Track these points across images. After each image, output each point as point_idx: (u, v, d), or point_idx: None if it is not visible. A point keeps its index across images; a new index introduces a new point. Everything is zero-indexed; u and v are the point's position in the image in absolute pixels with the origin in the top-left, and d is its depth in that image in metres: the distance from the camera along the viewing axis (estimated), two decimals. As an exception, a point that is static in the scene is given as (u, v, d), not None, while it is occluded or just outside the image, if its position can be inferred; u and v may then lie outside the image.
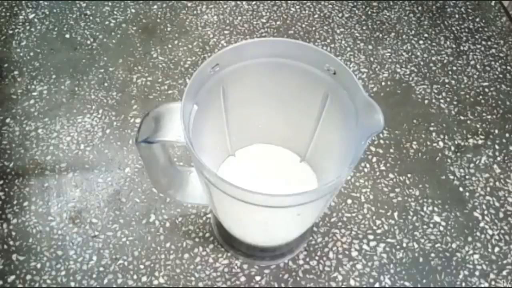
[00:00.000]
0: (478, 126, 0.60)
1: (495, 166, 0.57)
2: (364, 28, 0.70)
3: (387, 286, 0.48)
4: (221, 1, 0.72)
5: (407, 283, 0.48)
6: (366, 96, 0.37)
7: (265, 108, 0.46)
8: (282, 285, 0.47)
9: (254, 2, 0.72)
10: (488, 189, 0.55)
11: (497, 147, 0.58)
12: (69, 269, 0.48)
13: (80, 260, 0.48)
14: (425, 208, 0.53)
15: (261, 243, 0.49)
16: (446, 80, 0.64)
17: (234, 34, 0.68)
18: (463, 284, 0.48)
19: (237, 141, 0.50)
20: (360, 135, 0.36)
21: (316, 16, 0.71)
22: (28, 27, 0.68)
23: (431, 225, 0.52)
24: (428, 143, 0.58)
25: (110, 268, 0.48)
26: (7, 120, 0.58)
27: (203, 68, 0.38)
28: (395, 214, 0.52)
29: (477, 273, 0.49)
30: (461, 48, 0.68)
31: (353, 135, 0.38)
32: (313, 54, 0.40)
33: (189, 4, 0.72)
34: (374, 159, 0.57)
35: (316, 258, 0.49)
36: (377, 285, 0.48)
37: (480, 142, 0.59)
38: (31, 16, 0.70)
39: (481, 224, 0.52)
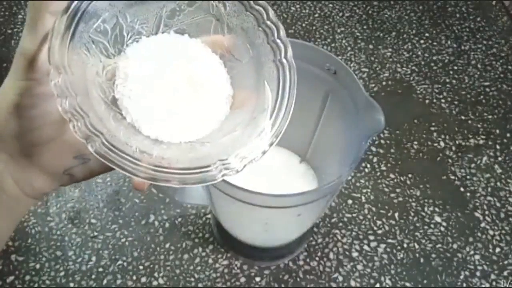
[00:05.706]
0: (479, 126, 0.60)
1: (496, 166, 0.56)
2: (364, 27, 0.70)
3: (387, 286, 0.47)
4: (221, 1, 0.72)
5: (407, 284, 0.48)
6: (366, 96, 0.36)
7: (265, 108, 0.45)
8: (282, 285, 0.47)
9: (254, 2, 0.72)
10: (489, 189, 0.54)
11: (498, 147, 0.58)
12: (68, 269, 0.47)
13: (79, 260, 0.48)
14: (426, 209, 0.53)
15: (261, 244, 0.48)
16: (447, 80, 0.64)
17: (234, 33, 0.68)
18: (464, 285, 0.48)
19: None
20: (361, 135, 0.36)
21: (316, 15, 0.71)
22: (27, 27, 0.68)
23: (432, 226, 0.51)
24: (429, 143, 0.58)
25: (109, 268, 0.48)
26: (6, 120, 0.58)
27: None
28: (396, 214, 0.52)
29: (478, 273, 0.49)
30: (462, 47, 0.68)
31: (354, 135, 0.38)
32: (313, 54, 0.39)
33: (189, 4, 0.71)
34: (375, 159, 0.56)
35: (317, 258, 0.49)
36: (377, 285, 0.48)
37: (481, 142, 0.58)
38: (30, 15, 0.69)
39: (482, 225, 0.52)
